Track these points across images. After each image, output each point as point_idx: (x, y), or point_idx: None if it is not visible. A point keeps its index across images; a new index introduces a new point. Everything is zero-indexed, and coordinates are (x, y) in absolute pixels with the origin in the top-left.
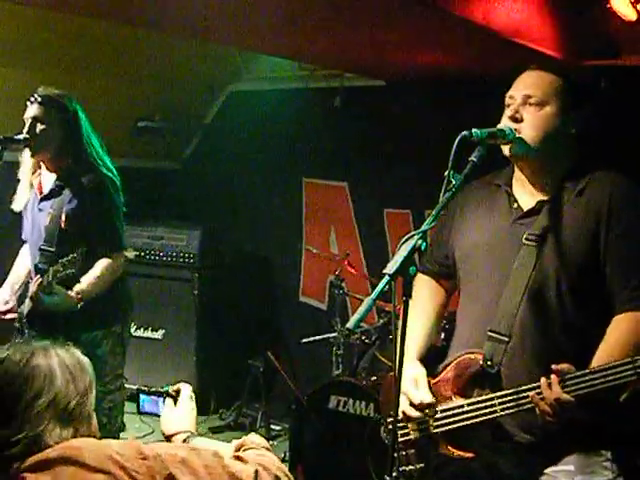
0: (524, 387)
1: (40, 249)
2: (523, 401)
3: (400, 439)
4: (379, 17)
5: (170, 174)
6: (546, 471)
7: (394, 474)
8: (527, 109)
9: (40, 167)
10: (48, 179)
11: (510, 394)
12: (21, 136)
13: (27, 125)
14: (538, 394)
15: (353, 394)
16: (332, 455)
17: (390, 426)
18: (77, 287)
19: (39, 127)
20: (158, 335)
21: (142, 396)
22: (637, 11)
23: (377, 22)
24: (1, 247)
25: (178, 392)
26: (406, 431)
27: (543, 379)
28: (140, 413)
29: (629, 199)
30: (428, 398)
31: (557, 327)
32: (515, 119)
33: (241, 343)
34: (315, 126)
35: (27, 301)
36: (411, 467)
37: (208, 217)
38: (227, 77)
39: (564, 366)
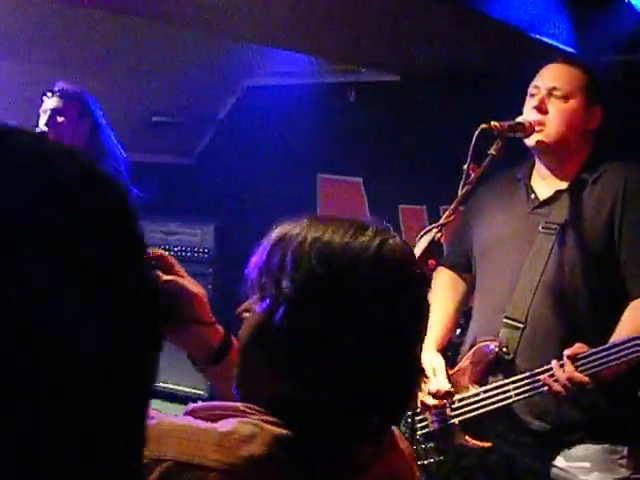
0: (537, 370)
1: None
2: (537, 384)
3: (419, 432)
4: (394, 12)
5: (184, 169)
6: (562, 466)
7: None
8: (552, 101)
9: None
10: None
11: (523, 378)
12: (37, 129)
13: (45, 117)
14: (550, 376)
15: None
16: None
17: (409, 419)
18: None
19: (58, 119)
20: None
21: None
22: None
23: (392, 17)
24: None
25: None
26: (425, 423)
27: (554, 361)
28: None
29: None
30: (446, 386)
31: (572, 314)
32: (540, 109)
33: None
34: (330, 121)
35: None
36: (430, 460)
37: (222, 212)
38: (241, 72)
39: (576, 347)
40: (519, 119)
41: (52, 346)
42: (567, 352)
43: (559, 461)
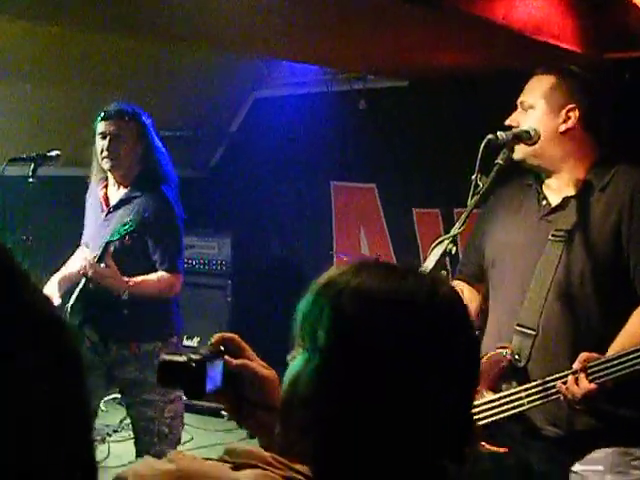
0: (549, 378)
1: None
2: (549, 392)
3: None
4: (399, 20)
5: (198, 183)
6: (576, 470)
7: None
8: (521, 114)
9: (106, 180)
10: (115, 192)
11: (536, 386)
12: (54, 153)
13: (106, 141)
14: (564, 383)
15: None
16: None
17: None
18: (131, 278)
19: (116, 142)
20: (193, 343)
21: None
22: None
23: (398, 25)
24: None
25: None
26: None
27: (571, 376)
28: None
29: None
30: None
31: (583, 320)
32: (510, 127)
33: (275, 349)
34: (340, 129)
35: (74, 294)
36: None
37: (237, 224)
38: (251, 84)
39: (585, 357)
40: (524, 127)
41: None
42: (577, 365)
43: (574, 465)
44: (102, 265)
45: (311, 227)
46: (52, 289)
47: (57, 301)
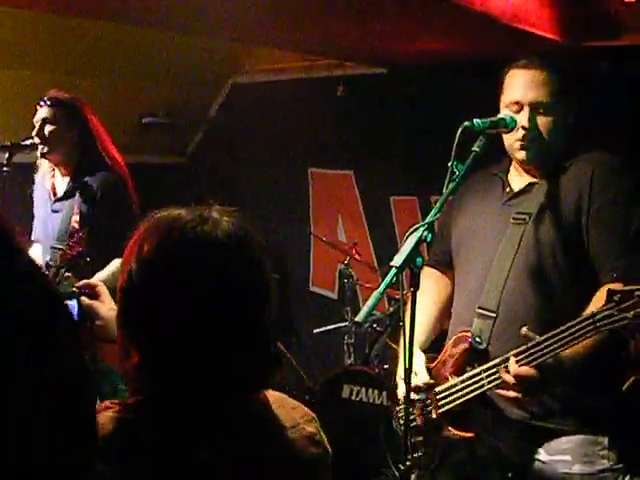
0: (505, 356)
1: (52, 247)
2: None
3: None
4: (377, 6)
5: (176, 168)
6: (544, 459)
7: (407, 463)
8: (532, 114)
9: (54, 170)
10: (61, 182)
11: (494, 365)
12: (28, 141)
13: (36, 127)
14: (505, 368)
15: (366, 383)
16: (347, 444)
17: (398, 415)
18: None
19: (48, 128)
20: None
21: None
22: None
23: (375, 12)
24: None
25: (88, 286)
26: (412, 417)
27: (512, 358)
28: None
29: (610, 176)
30: (424, 379)
31: (543, 301)
32: (524, 127)
33: None
34: (319, 116)
35: None
36: (420, 454)
37: None
38: (229, 70)
39: (531, 333)
40: (500, 115)
41: None
42: (524, 334)
43: (541, 454)
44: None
45: (289, 213)
46: None
47: None
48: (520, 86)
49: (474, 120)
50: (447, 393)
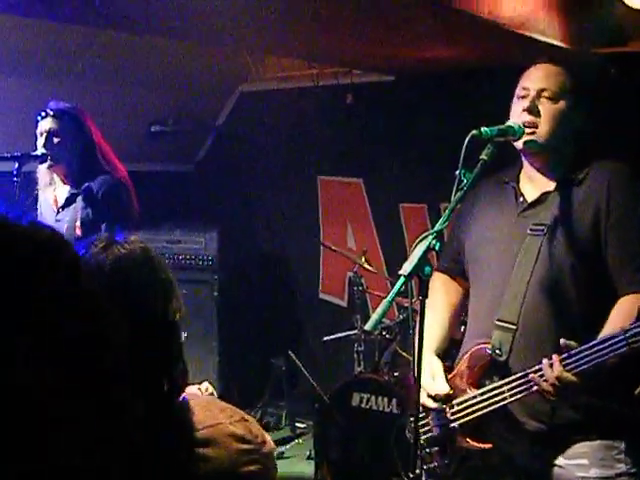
0: (529, 370)
1: None
2: (529, 384)
3: (423, 436)
4: (386, 15)
5: (184, 177)
6: (560, 464)
7: (417, 471)
8: (542, 102)
9: (54, 181)
10: (62, 191)
11: (517, 378)
12: (38, 152)
13: (43, 139)
14: (540, 376)
15: (375, 390)
16: (357, 451)
17: (412, 424)
18: None
19: (55, 140)
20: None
21: None
22: None
23: (384, 20)
24: None
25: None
26: (428, 428)
27: (545, 359)
28: None
29: (627, 185)
30: (445, 389)
31: (563, 313)
32: (531, 111)
33: (263, 342)
34: (327, 124)
35: None
36: (435, 464)
37: (224, 219)
38: (237, 78)
39: (571, 342)
40: (509, 123)
41: None
42: (562, 344)
43: (558, 459)
44: None
45: (298, 222)
46: None
47: None
48: (531, 75)
49: (482, 128)
50: (466, 405)
